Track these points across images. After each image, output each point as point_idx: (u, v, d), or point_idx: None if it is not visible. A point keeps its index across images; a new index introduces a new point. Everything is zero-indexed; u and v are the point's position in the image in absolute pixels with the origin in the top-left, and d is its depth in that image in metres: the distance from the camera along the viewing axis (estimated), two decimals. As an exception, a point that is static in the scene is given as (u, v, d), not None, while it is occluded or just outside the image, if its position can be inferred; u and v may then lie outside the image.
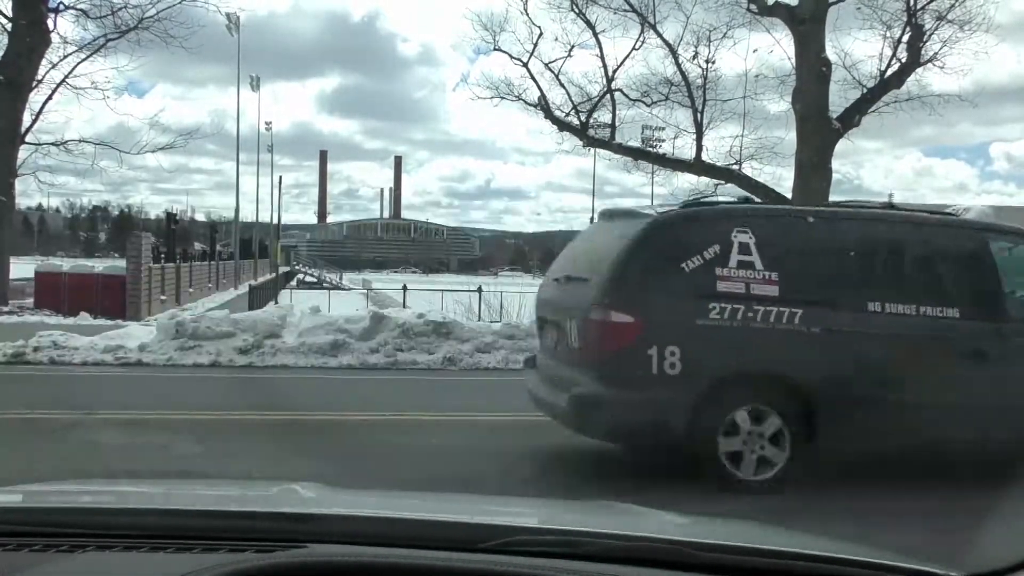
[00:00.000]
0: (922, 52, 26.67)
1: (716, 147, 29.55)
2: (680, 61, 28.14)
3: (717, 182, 29.39)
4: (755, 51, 33.50)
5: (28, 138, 23.13)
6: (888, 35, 27.07)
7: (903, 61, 26.85)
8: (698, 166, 28.62)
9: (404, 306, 24.37)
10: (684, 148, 29.25)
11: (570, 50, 28.58)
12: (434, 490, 4.75)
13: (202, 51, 24.39)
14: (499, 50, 28.97)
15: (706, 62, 28.14)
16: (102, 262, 48.67)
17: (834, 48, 27.34)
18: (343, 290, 49.22)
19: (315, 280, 67.83)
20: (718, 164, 28.61)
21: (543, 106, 28.91)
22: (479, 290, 21.63)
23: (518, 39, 29.12)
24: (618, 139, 29.16)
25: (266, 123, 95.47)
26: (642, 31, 27.98)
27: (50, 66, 23.07)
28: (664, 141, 30.46)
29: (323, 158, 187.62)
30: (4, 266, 23.37)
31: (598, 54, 28.45)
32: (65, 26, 25.36)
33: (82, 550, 1.48)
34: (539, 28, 28.54)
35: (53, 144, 23.52)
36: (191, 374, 11.64)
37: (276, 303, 27.04)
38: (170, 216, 37.17)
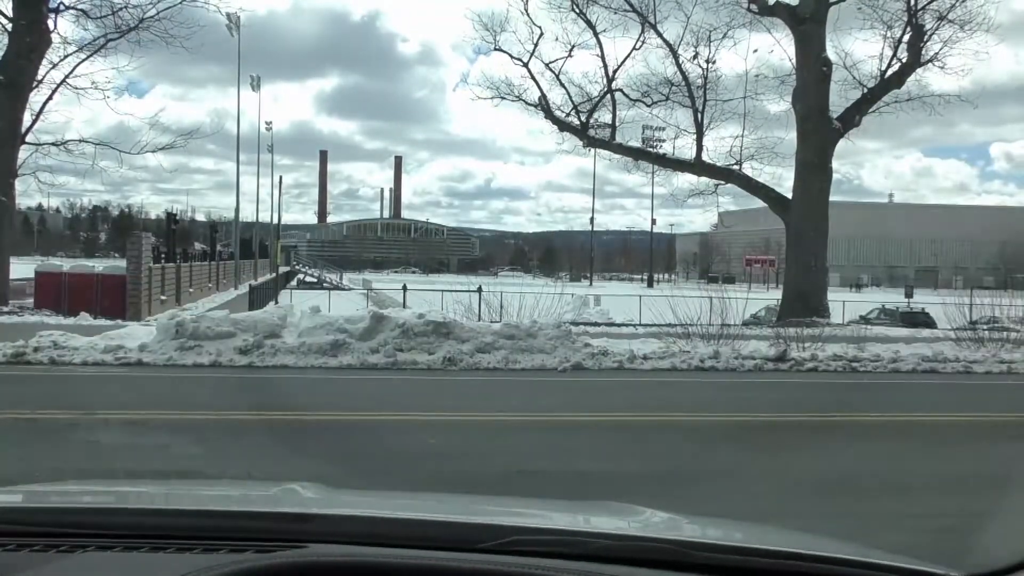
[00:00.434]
0: (923, 52, 26.68)
1: (716, 147, 29.67)
2: (680, 61, 28.18)
3: (717, 182, 29.41)
4: (755, 51, 33.54)
5: (28, 138, 23.14)
6: (889, 35, 27.10)
7: (904, 61, 26.86)
8: (698, 166, 28.63)
9: (404, 306, 24.37)
10: (684, 148, 29.27)
11: (570, 50, 28.63)
12: (434, 490, 4.76)
13: (202, 51, 24.41)
14: (500, 50, 29.03)
15: (706, 62, 28.17)
16: (102, 262, 48.67)
17: (834, 48, 27.38)
18: (343, 290, 49.21)
19: (315, 280, 67.72)
20: (718, 164, 28.62)
21: (543, 106, 28.92)
22: (479, 290, 21.61)
23: (518, 39, 29.18)
24: (618, 139, 29.19)
25: (266, 123, 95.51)
26: (642, 31, 28.01)
27: (50, 66, 23.12)
28: (664, 141, 30.50)
29: (323, 158, 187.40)
30: (4, 266, 23.37)
31: (598, 54, 28.51)
32: (65, 26, 25.36)
33: (82, 550, 1.48)
34: (539, 28, 28.61)
35: (53, 144, 23.54)
36: (191, 374, 11.65)
37: (276, 303, 27.05)
38: (170, 216, 37.16)
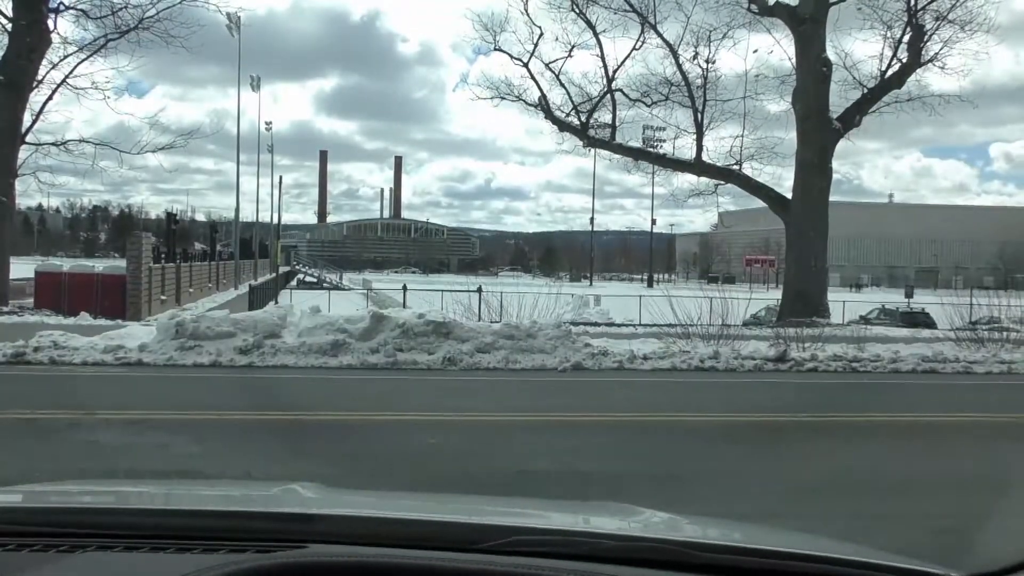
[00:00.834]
0: (923, 52, 26.67)
1: (716, 147, 29.66)
2: (680, 61, 28.18)
3: (717, 182, 29.41)
4: (755, 51, 33.55)
5: (28, 138, 23.14)
6: (889, 35, 27.10)
7: (903, 61, 26.86)
8: (698, 166, 28.63)
9: (404, 306, 24.38)
10: (684, 148, 29.28)
11: (570, 50, 28.64)
12: (434, 490, 4.76)
13: (202, 51, 24.42)
14: (500, 50, 29.03)
15: (706, 62, 28.17)
16: (102, 262, 48.66)
17: (834, 48, 27.38)
18: (343, 290, 49.22)
19: (315, 280, 67.76)
20: (718, 164, 28.62)
21: (543, 106, 28.91)
22: (479, 290, 21.61)
23: (518, 39, 29.20)
24: (618, 139, 29.19)
25: (266, 123, 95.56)
26: (642, 31, 28.01)
27: (50, 66, 23.12)
28: (664, 141, 30.51)
29: (323, 158, 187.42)
30: (4, 266, 23.36)
31: (598, 54, 28.51)
32: (65, 26, 25.37)
33: (83, 550, 1.48)
34: (539, 28, 28.61)
35: (53, 144, 23.54)
36: (191, 374, 11.65)
37: (276, 303, 27.06)
38: (170, 216, 37.17)
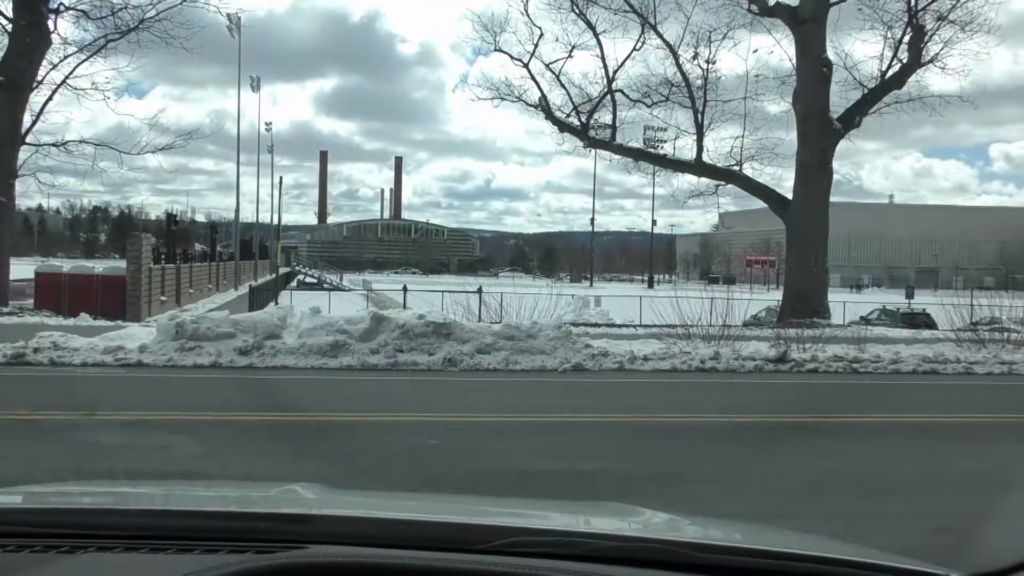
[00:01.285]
0: (923, 53, 26.67)
1: (717, 148, 29.63)
2: (680, 62, 28.18)
3: (718, 183, 29.41)
4: (755, 52, 33.50)
5: (28, 139, 23.15)
6: (889, 36, 27.10)
7: (904, 62, 26.86)
8: (699, 167, 28.63)
9: (404, 307, 24.40)
10: (684, 149, 29.28)
11: (571, 51, 28.63)
12: (434, 490, 4.76)
13: (202, 52, 24.40)
14: (500, 51, 29.03)
15: (706, 63, 28.17)
16: (102, 263, 48.61)
17: (835, 49, 27.38)
18: (343, 291, 49.22)
19: (315, 281, 67.76)
20: (719, 165, 28.62)
21: (544, 107, 28.91)
22: (479, 291, 21.62)
23: (518, 40, 29.18)
24: (619, 140, 29.18)
25: (266, 124, 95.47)
26: (642, 32, 28.00)
27: (50, 67, 23.12)
28: (665, 142, 30.51)
29: (323, 159, 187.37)
30: (4, 267, 23.37)
31: (598, 55, 28.50)
32: (65, 27, 25.35)
33: (83, 551, 1.48)
34: (539, 29, 28.61)
35: (53, 145, 23.54)
36: (191, 375, 11.64)
37: (276, 304, 27.07)
38: (170, 217, 37.17)
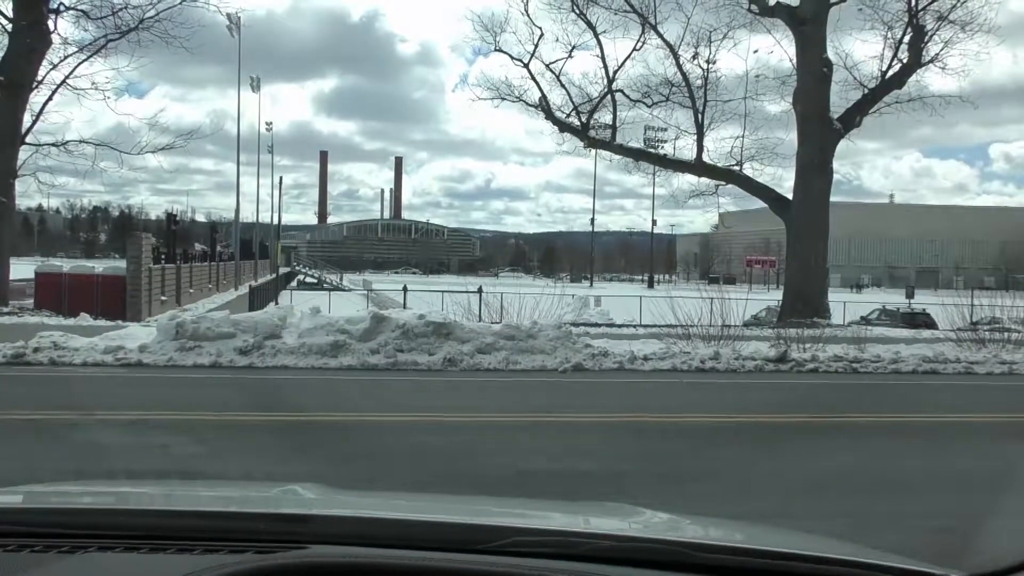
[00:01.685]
0: (923, 53, 26.67)
1: (717, 148, 29.61)
2: (681, 62, 28.15)
3: (718, 183, 29.40)
4: (755, 52, 33.46)
5: (28, 139, 23.15)
6: (889, 36, 27.08)
7: (904, 62, 26.85)
8: (699, 167, 28.61)
9: (404, 307, 24.39)
10: (685, 149, 29.26)
11: (571, 51, 28.61)
12: (434, 491, 4.76)
13: (202, 52, 24.47)
14: (500, 51, 29.01)
15: (707, 63, 28.15)
16: (102, 263, 48.64)
17: (835, 49, 27.37)
18: (343, 291, 49.23)
19: (315, 281, 67.83)
20: (719, 165, 28.60)
21: (544, 107, 28.89)
22: (479, 291, 21.62)
23: (519, 40, 29.15)
24: (619, 140, 29.16)
25: (267, 124, 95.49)
26: (643, 32, 27.98)
27: (50, 67, 23.12)
28: (665, 142, 30.50)
29: (323, 159, 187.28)
30: (4, 267, 23.37)
31: (599, 55, 28.47)
32: (65, 27, 25.32)
33: (83, 551, 1.48)
34: (540, 29, 28.57)
35: (53, 145, 23.54)
36: (191, 375, 11.64)
37: (276, 304, 27.09)
38: (170, 217, 37.18)
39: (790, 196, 27.38)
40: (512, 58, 28.90)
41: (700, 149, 28.30)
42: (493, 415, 9.34)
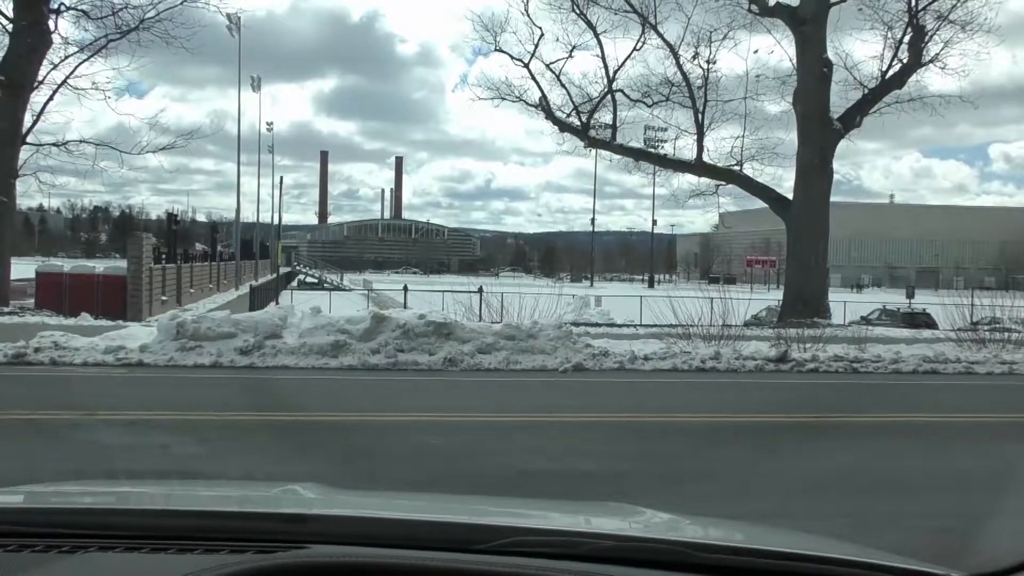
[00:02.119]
0: (923, 53, 26.66)
1: (717, 148, 29.59)
2: (681, 62, 28.14)
3: (718, 183, 29.40)
4: (755, 52, 33.42)
5: (29, 139, 23.14)
6: (889, 36, 27.07)
7: (904, 62, 26.84)
8: (699, 167, 28.61)
9: (405, 307, 24.40)
10: (685, 149, 29.24)
11: (571, 51, 28.60)
12: (434, 490, 4.76)
13: (202, 52, 24.42)
14: (500, 51, 28.99)
15: (707, 63, 28.14)
16: (103, 263, 48.64)
17: (835, 49, 27.36)
18: (344, 291, 49.25)
19: (316, 281, 67.86)
20: (719, 165, 28.59)
21: (544, 107, 28.88)
22: (480, 291, 21.62)
23: (519, 40, 29.14)
24: (619, 140, 29.15)
25: (267, 124, 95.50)
26: (643, 32, 27.97)
27: (51, 67, 23.11)
28: (665, 142, 30.47)
29: (324, 159, 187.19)
30: (5, 266, 23.37)
31: (599, 55, 28.46)
32: (66, 27, 25.32)
33: (83, 551, 1.48)
34: (540, 29, 28.56)
35: (54, 145, 23.52)
36: (192, 375, 11.64)
37: (277, 304, 27.09)
38: (171, 217, 37.19)
39: (790, 196, 27.37)
40: (512, 58, 28.92)
41: (700, 149, 28.31)
42: (493, 415, 9.34)
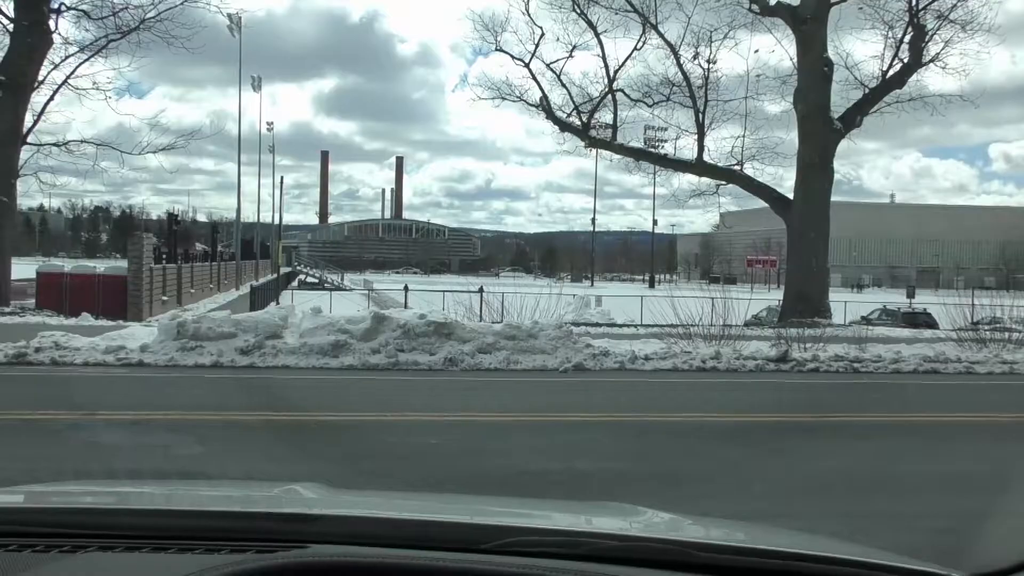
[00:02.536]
0: (924, 52, 26.66)
1: (718, 147, 29.63)
2: (681, 61, 28.15)
3: (718, 182, 29.40)
4: (756, 51, 33.40)
5: (30, 139, 23.15)
6: (890, 35, 27.07)
7: (905, 61, 26.84)
8: (700, 167, 28.61)
9: (405, 307, 24.38)
10: (685, 149, 29.24)
11: (571, 50, 28.60)
12: (435, 490, 4.76)
13: (203, 52, 24.41)
14: (501, 50, 29.00)
15: (707, 62, 28.15)
16: (103, 263, 48.68)
17: (835, 48, 27.36)
18: (344, 291, 49.24)
19: (316, 281, 67.80)
20: (720, 164, 28.60)
21: (545, 107, 28.88)
22: (480, 291, 21.63)
23: (519, 39, 29.15)
24: (619, 140, 29.15)
25: (268, 124, 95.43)
26: (643, 31, 27.97)
27: (51, 67, 23.13)
28: (666, 142, 30.46)
29: (324, 159, 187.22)
30: (6, 267, 23.38)
31: (599, 54, 28.47)
32: (66, 27, 25.34)
33: (84, 550, 1.48)
34: (540, 28, 28.57)
35: (54, 145, 23.53)
36: (192, 375, 11.64)
37: (277, 304, 27.04)
38: (171, 217, 37.23)
39: (791, 196, 27.37)
40: (513, 58, 28.92)
41: (701, 149, 28.31)
42: (494, 415, 9.33)
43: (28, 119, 22.88)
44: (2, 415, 8.33)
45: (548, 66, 28.75)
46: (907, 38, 26.72)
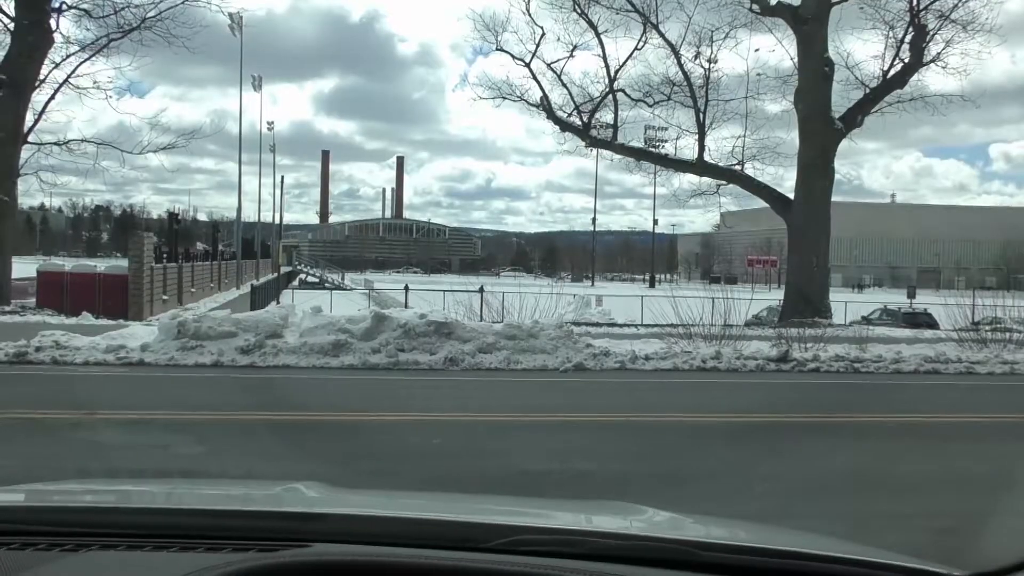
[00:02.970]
0: (924, 52, 26.66)
1: (718, 147, 29.65)
2: (682, 61, 28.17)
3: (719, 182, 29.40)
4: (757, 51, 33.44)
5: (30, 138, 23.18)
6: (891, 35, 27.08)
7: (905, 61, 26.85)
8: (700, 166, 28.61)
9: (406, 306, 24.38)
10: (686, 149, 29.26)
11: (572, 50, 28.62)
12: (436, 490, 4.76)
13: (203, 51, 24.47)
14: (501, 50, 29.02)
15: (708, 62, 28.17)
16: (104, 262, 48.71)
17: (836, 48, 27.37)
18: (345, 290, 49.25)
19: (317, 280, 67.81)
20: (720, 164, 28.60)
21: (545, 107, 28.89)
22: (481, 290, 21.64)
23: (520, 39, 29.18)
24: (620, 139, 29.16)
25: (268, 123, 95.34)
26: (644, 31, 27.99)
27: (52, 66, 23.16)
28: (666, 142, 30.48)
29: (325, 158, 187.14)
30: (6, 265, 23.40)
31: (600, 54, 28.49)
32: (67, 26, 25.42)
33: (86, 549, 1.48)
34: (541, 28, 28.59)
35: (55, 144, 23.57)
36: (193, 374, 11.65)
37: (278, 303, 27.06)
38: (172, 216, 37.28)
39: (791, 196, 27.38)
40: (513, 57, 28.94)
41: (701, 149, 28.32)
42: (494, 415, 9.33)
43: (29, 118, 22.93)
44: (3, 414, 8.32)
45: (549, 66, 28.79)
46: (908, 38, 26.73)
